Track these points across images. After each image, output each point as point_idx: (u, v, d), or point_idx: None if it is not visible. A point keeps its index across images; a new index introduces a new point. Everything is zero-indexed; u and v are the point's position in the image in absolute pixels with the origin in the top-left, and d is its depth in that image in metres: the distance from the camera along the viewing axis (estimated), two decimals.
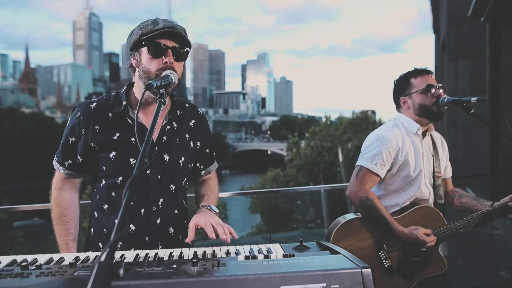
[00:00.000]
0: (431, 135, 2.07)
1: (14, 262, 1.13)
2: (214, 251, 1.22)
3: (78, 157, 1.51)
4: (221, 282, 0.91)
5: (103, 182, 1.49)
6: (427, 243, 1.85)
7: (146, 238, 1.48)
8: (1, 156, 55.93)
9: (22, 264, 1.04)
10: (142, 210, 1.47)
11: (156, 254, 1.20)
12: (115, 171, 1.46)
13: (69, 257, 1.18)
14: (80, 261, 1.13)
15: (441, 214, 1.96)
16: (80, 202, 1.60)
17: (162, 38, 1.37)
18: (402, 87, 2.02)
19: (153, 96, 1.43)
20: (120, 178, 1.46)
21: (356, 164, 1.97)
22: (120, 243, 1.46)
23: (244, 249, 1.24)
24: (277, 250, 1.21)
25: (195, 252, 1.21)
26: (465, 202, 2.06)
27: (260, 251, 1.21)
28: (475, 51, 9.63)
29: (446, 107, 1.87)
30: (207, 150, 1.69)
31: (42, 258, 1.17)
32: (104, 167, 1.47)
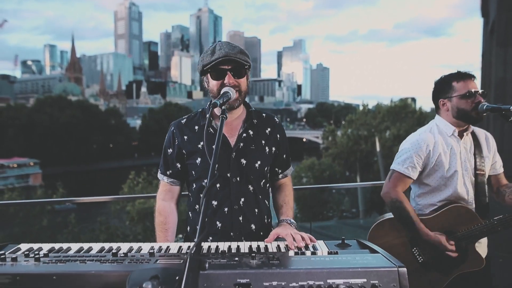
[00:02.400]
0: (473, 133, 2.10)
1: (103, 249, 1.37)
2: (266, 246, 1.41)
3: (177, 164, 1.75)
4: (277, 274, 1.09)
5: (194, 186, 1.73)
6: (447, 251, 1.94)
7: (231, 233, 1.67)
8: (51, 141, 59.72)
9: (113, 251, 1.28)
10: (226, 209, 1.66)
11: (217, 246, 1.39)
12: (202, 175, 1.68)
13: (145, 247, 1.40)
14: (155, 250, 1.34)
15: (475, 214, 1.99)
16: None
17: (221, 64, 1.56)
18: (443, 89, 2.06)
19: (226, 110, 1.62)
20: (205, 181, 1.66)
21: (390, 167, 2.10)
22: (210, 238, 1.67)
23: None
24: (322, 247, 1.37)
25: (250, 246, 1.40)
26: None
27: (306, 248, 1.38)
28: None
29: (484, 114, 1.91)
30: (284, 156, 1.84)
31: (124, 246, 1.40)
32: (193, 172, 1.71)
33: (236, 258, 1.21)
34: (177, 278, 0.91)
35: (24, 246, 1.39)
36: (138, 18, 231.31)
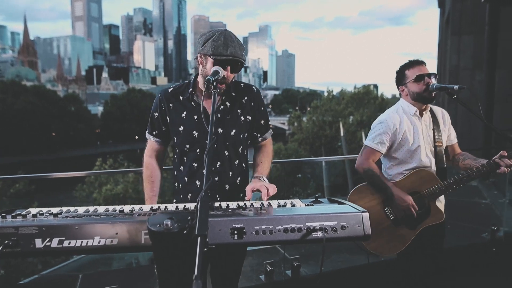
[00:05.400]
0: (431, 110, 2.43)
1: (108, 209, 1.54)
2: (252, 203, 1.64)
3: (163, 127, 1.98)
4: (265, 219, 1.32)
5: (177, 150, 1.97)
6: (407, 209, 2.27)
7: (208, 192, 1.88)
8: (5, 129, 56.42)
9: (119, 210, 1.47)
10: (204, 170, 1.88)
11: (210, 203, 1.61)
12: (183, 141, 1.92)
13: (146, 207, 1.59)
14: (156, 209, 1.54)
15: (435, 175, 2.34)
16: None
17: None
18: (399, 78, 2.42)
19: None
20: (187, 146, 1.91)
21: (363, 143, 2.43)
22: (190, 195, 1.92)
23: (274, 203, 1.66)
24: (299, 203, 1.62)
25: (238, 203, 1.62)
26: (467, 163, 2.41)
27: (286, 204, 1.62)
28: (479, 27, 9.72)
29: (435, 92, 2.23)
30: (262, 121, 2.06)
31: (126, 207, 1.58)
32: (175, 138, 1.95)
33: (229, 210, 1.44)
34: (188, 218, 1.12)
35: (33, 210, 1.54)
36: (97, 0, 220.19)
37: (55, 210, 1.51)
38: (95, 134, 69.61)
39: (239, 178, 2.00)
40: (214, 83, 1.60)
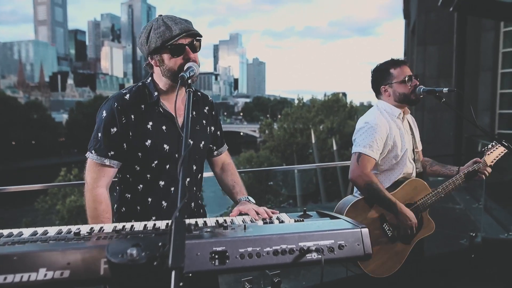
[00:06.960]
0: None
1: (61, 231, 1.29)
2: (232, 219, 1.43)
3: (124, 144, 1.59)
4: (251, 240, 1.12)
5: (137, 167, 1.63)
6: (411, 227, 2.09)
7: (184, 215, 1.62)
8: None
9: (74, 232, 1.22)
10: (173, 189, 1.63)
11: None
12: (151, 156, 1.61)
13: (107, 227, 1.34)
14: (120, 228, 1.30)
15: (426, 184, 2.22)
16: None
17: (180, 39, 1.51)
18: (382, 77, 2.22)
19: (175, 85, 1.58)
20: (156, 162, 1.61)
21: (353, 151, 2.15)
22: (154, 217, 1.60)
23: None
24: (286, 218, 1.43)
25: (217, 220, 1.41)
26: (436, 169, 2.36)
27: (272, 220, 1.42)
28: (443, 37, 10.05)
29: (421, 96, 2.12)
30: (218, 133, 1.88)
31: (84, 227, 1.33)
32: (140, 154, 1.60)
33: (208, 229, 1.22)
34: (160, 244, 0.90)
35: None
36: (62, 4, 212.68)
37: None
38: (58, 142, 66.72)
39: (199, 194, 1.81)
40: (189, 81, 1.38)
